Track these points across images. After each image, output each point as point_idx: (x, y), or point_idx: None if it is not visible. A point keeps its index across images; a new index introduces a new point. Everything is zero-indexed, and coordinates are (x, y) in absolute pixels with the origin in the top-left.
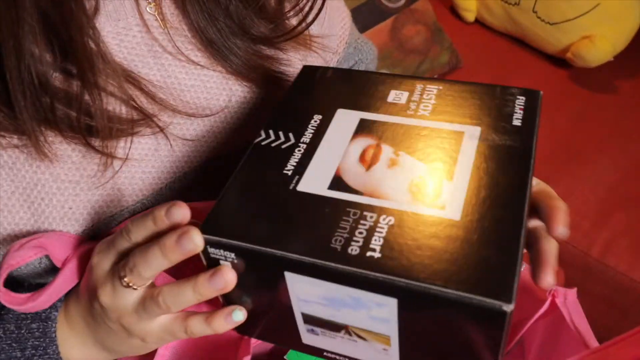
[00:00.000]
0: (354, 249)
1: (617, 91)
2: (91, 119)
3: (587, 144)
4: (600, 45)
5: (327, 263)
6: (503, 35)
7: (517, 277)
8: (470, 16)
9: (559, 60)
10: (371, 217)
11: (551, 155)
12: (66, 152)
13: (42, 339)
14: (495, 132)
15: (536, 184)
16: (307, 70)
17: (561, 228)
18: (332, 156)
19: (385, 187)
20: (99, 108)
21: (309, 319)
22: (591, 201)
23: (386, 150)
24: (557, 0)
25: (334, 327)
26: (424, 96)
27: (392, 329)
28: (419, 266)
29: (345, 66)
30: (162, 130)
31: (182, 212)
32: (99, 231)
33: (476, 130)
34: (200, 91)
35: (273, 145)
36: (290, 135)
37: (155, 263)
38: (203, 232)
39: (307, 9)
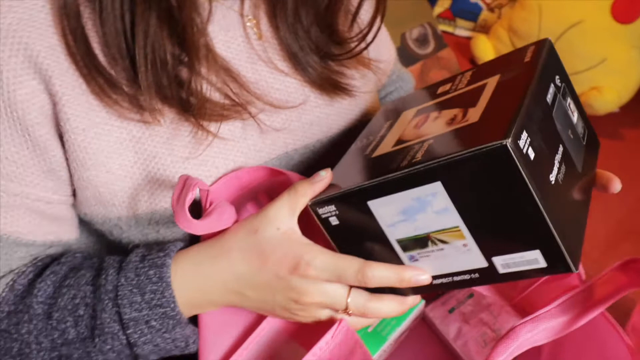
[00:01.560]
0: (403, 162)
1: (623, 137)
2: (195, 99)
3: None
4: (607, 96)
5: (387, 176)
6: None
7: (518, 127)
8: None
9: None
10: (416, 146)
11: None
12: (179, 131)
13: (159, 284)
14: (509, 71)
15: None
16: (385, 107)
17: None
18: (397, 133)
19: (430, 129)
20: (203, 93)
21: (403, 245)
22: (600, 233)
23: (432, 115)
24: (569, 54)
25: (422, 242)
26: (463, 79)
27: (455, 217)
28: (443, 152)
29: (388, 89)
30: (252, 116)
31: (424, 278)
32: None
33: (494, 79)
34: (282, 93)
35: (359, 147)
36: (371, 137)
37: (384, 314)
38: (313, 202)
39: (367, 37)
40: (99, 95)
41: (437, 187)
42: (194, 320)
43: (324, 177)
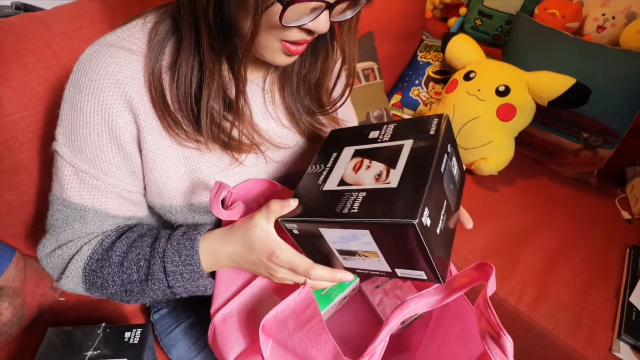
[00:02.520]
0: (344, 210)
1: (498, 190)
2: (232, 141)
3: (479, 212)
4: (491, 164)
5: (333, 219)
6: None
7: (423, 205)
8: None
9: (468, 170)
10: (354, 193)
11: None
12: (219, 157)
13: (191, 250)
14: (420, 139)
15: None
16: (332, 132)
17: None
18: (341, 170)
19: (363, 179)
20: (236, 138)
21: (340, 251)
22: (477, 250)
23: (365, 162)
24: (469, 136)
25: (352, 253)
26: (387, 130)
27: (375, 248)
28: (372, 212)
29: None
30: (262, 152)
31: (349, 278)
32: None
33: (409, 142)
34: (282, 139)
35: (313, 172)
36: (322, 165)
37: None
38: (282, 219)
39: (338, 104)
40: (166, 129)
41: (366, 233)
42: (213, 275)
43: (292, 205)
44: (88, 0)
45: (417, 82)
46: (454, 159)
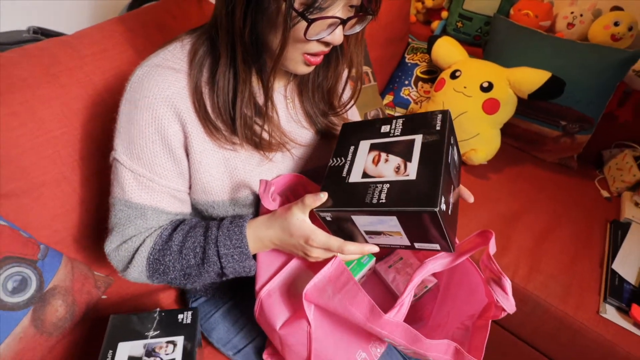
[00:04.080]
0: (373, 200)
1: (489, 178)
2: (262, 142)
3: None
4: (480, 154)
5: (364, 208)
6: None
7: (440, 195)
8: None
9: None
10: (379, 185)
11: None
12: (252, 156)
13: (239, 235)
14: (428, 134)
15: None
16: (344, 125)
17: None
18: (361, 163)
19: (384, 171)
20: (266, 139)
21: (367, 232)
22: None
23: (382, 155)
24: (458, 129)
25: (378, 233)
26: (397, 125)
27: (400, 229)
28: (398, 202)
29: None
30: (288, 150)
31: (375, 250)
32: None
33: (419, 137)
34: (303, 139)
35: (335, 165)
36: (342, 158)
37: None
38: (317, 209)
39: (348, 106)
40: (209, 134)
41: (393, 218)
42: (255, 257)
43: (322, 198)
44: (108, 23)
45: (406, 82)
46: (455, 147)
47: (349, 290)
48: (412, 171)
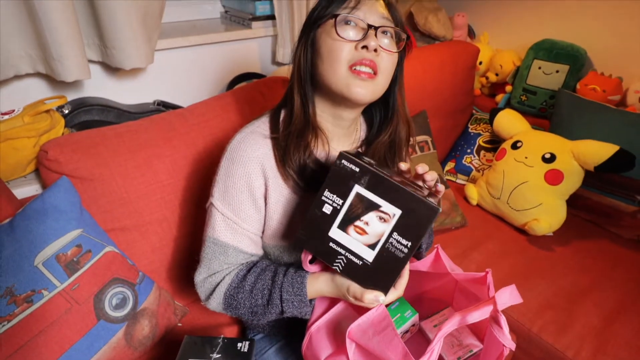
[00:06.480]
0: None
1: (554, 250)
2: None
3: (534, 271)
4: (543, 225)
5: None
6: (490, 213)
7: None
8: (473, 202)
9: (522, 230)
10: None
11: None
12: (304, 195)
13: (301, 285)
14: (359, 180)
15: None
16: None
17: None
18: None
19: (376, 231)
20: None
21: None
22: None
23: (359, 223)
24: (520, 199)
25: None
26: (333, 197)
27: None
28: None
29: None
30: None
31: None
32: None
33: (357, 186)
34: None
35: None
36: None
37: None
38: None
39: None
40: (285, 181)
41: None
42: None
43: (380, 300)
44: (212, 99)
45: (469, 150)
46: (371, 167)
47: (386, 334)
48: (392, 210)
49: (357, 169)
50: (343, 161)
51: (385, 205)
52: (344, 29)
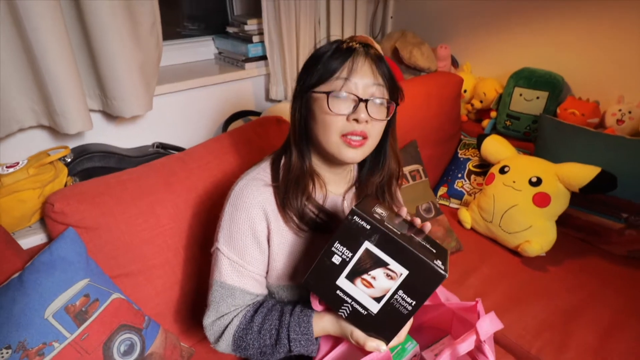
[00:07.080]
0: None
1: (547, 270)
2: (319, 225)
3: (530, 292)
4: (534, 246)
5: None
6: (484, 236)
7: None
8: (467, 225)
9: (516, 252)
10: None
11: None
12: (317, 240)
13: (307, 324)
14: (369, 237)
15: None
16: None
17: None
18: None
19: (383, 286)
20: (319, 223)
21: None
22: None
23: (367, 277)
24: (511, 222)
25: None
26: (343, 249)
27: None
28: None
29: None
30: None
31: (383, 348)
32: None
33: (366, 243)
34: None
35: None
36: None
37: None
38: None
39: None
40: (286, 223)
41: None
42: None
43: (381, 348)
44: (210, 142)
45: (459, 175)
46: (382, 226)
47: None
48: (399, 269)
49: (368, 227)
50: (355, 217)
51: (393, 264)
52: (336, 102)
